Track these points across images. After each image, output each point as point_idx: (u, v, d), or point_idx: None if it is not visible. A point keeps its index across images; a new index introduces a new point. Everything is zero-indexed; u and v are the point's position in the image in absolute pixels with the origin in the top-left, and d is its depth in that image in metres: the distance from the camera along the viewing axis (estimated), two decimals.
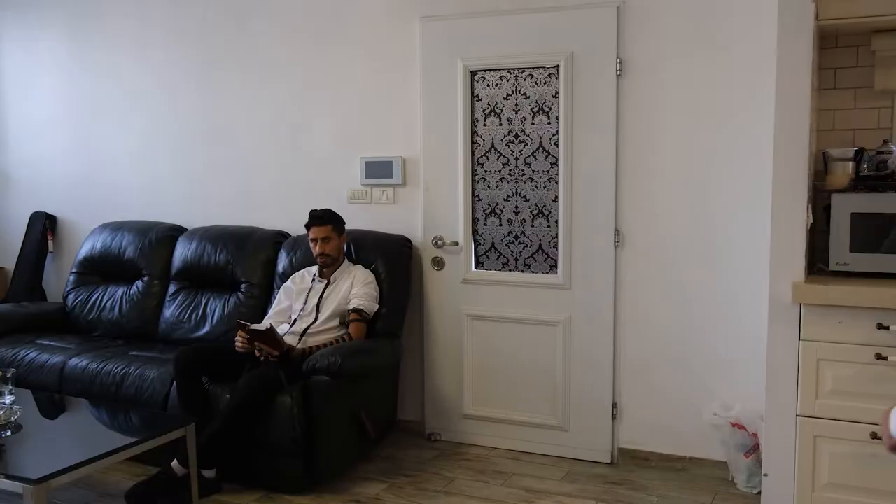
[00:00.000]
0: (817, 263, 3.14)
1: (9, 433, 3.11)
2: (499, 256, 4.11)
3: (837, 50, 3.30)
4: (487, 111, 4.07)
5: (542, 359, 4.02)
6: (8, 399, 3.23)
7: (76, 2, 5.23)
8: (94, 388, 3.96)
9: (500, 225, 4.09)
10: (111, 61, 5.15)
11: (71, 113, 5.34)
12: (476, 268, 4.15)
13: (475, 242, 4.15)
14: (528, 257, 4.05)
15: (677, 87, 3.70)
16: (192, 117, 4.92)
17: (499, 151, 4.05)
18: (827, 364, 2.84)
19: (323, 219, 3.90)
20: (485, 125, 4.08)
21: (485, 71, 4.04)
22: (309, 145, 4.57)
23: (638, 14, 3.73)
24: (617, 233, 3.84)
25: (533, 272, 4.04)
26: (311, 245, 3.95)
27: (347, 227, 4.06)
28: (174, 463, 3.41)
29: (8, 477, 2.70)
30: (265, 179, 4.73)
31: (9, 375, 3.27)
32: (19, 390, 3.48)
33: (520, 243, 4.06)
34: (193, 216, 4.88)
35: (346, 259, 4.05)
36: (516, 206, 4.05)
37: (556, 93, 3.90)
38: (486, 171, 4.09)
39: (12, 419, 3.18)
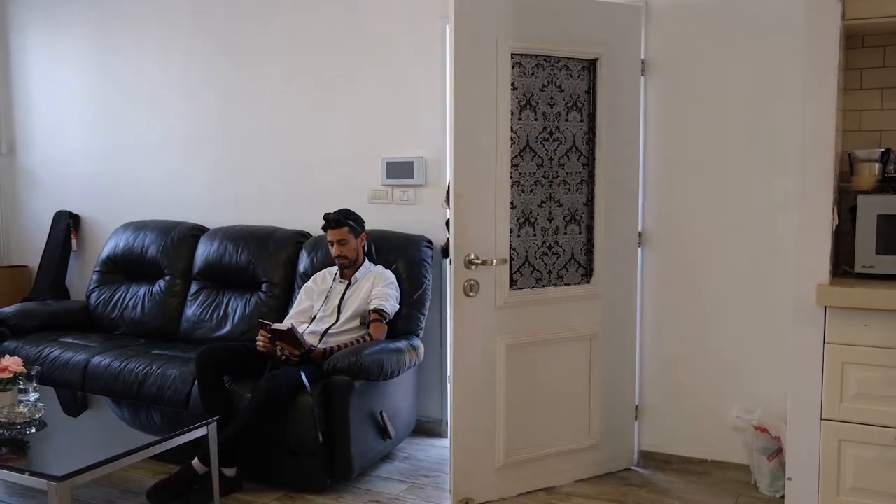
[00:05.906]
0: (842, 266, 3.11)
1: (33, 430, 3.14)
2: (532, 271, 3.53)
3: (864, 50, 3.26)
4: (523, 103, 3.45)
5: (576, 377, 3.66)
6: (32, 396, 3.27)
7: (101, 3, 5.28)
8: (116, 387, 4.00)
9: (535, 235, 3.52)
10: (135, 62, 5.20)
11: (95, 113, 5.40)
12: (510, 287, 3.49)
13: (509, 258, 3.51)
14: (562, 268, 3.60)
15: (703, 87, 3.68)
16: (214, 118, 4.96)
17: (534, 150, 3.48)
18: (852, 367, 2.80)
19: (338, 222, 3.89)
20: (520, 119, 3.46)
21: (521, 56, 3.41)
22: (330, 145, 4.59)
23: (665, 13, 3.71)
24: (640, 235, 3.82)
25: (566, 284, 3.61)
26: (329, 247, 3.96)
27: (368, 226, 4.06)
28: (195, 461, 3.43)
29: (32, 474, 2.73)
30: (286, 179, 4.75)
31: (33, 373, 3.31)
32: (43, 388, 3.52)
33: (553, 254, 3.58)
34: (215, 216, 4.92)
35: (366, 259, 4.05)
36: (550, 213, 3.55)
37: (589, 88, 3.58)
38: (520, 174, 3.47)
39: (36, 416, 3.21)
